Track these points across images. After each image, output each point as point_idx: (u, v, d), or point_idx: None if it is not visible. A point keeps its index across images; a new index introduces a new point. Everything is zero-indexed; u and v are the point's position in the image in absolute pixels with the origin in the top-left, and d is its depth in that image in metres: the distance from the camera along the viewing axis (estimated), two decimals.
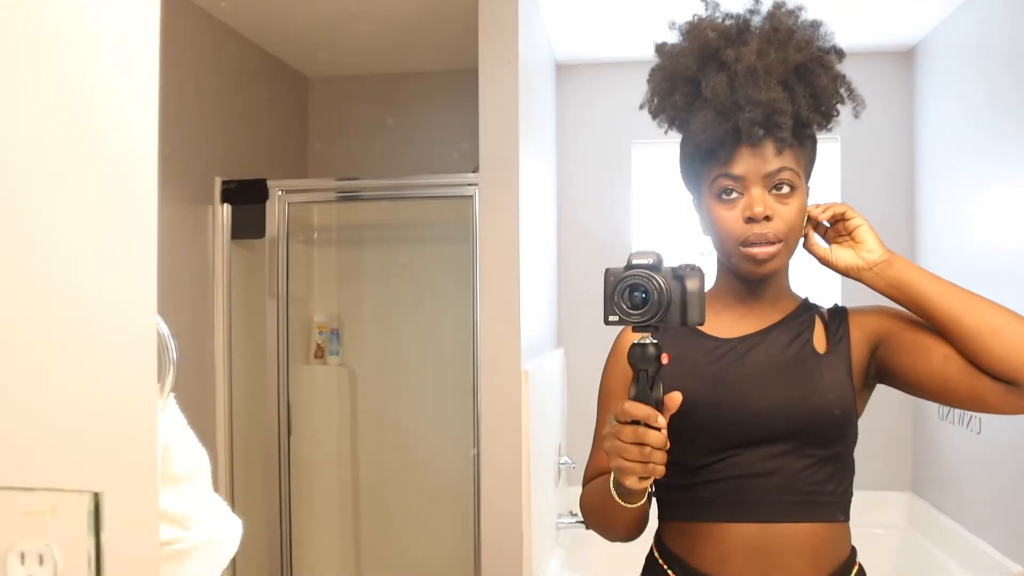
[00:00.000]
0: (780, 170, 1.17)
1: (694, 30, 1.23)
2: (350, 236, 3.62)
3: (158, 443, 0.72)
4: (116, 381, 0.60)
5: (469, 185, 2.68)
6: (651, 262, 1.03)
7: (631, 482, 1.02)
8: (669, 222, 3.33)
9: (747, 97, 1.14)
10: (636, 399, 1.01)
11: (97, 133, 0.58)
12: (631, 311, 1.01)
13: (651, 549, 1.30)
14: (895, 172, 3.25)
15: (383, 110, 3.51)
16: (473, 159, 2.43)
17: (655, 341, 1.01)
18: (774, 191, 1.18)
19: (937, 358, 1.15)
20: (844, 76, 1.22)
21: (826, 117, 1.21)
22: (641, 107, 1.30)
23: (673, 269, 1.04)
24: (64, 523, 0.51)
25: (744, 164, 1.17)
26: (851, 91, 1.22)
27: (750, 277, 1.23)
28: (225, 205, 2.88)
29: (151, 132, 0.64)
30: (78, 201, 0.57)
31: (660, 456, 1.01)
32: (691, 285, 1.03)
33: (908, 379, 1.19)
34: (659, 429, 1.00)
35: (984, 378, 1.11)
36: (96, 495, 0.51)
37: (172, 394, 0.80)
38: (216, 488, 2.88)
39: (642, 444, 1.00)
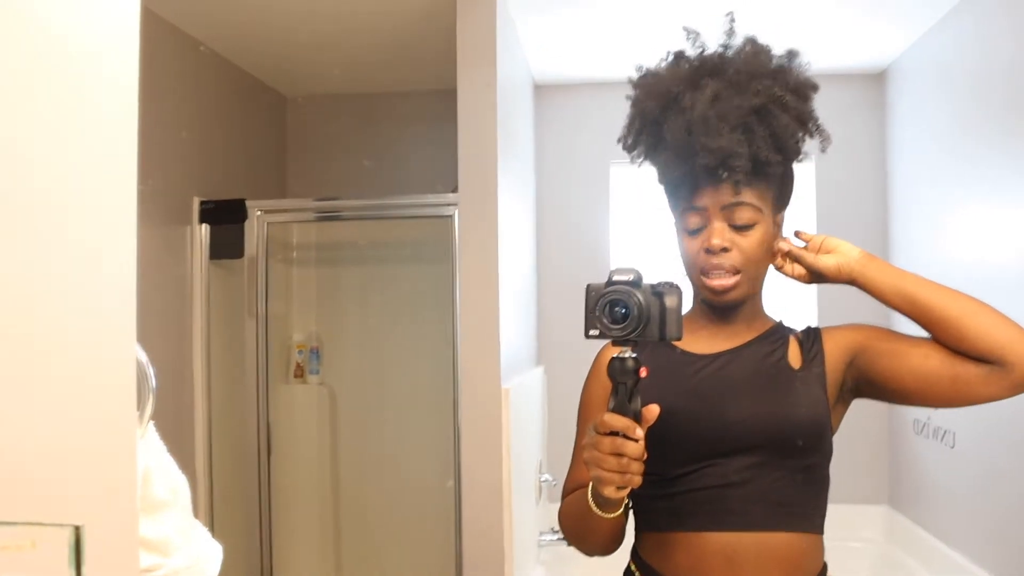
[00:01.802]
0: (739, 204, 1.22)
1: (659, 73, 1.29)
2: (329, 256, 3.62)
3: (137, 472, 0.73)
4: (95, 413, 0.60)
5: (448, 205, 2.69)
6: (631, 279, 1.06)
7: (609, 491, 1.05)
8: (647, 241, 3.36)
9: (702, 144, 1.19)
10: (615, 411, 1.04)
11: (75, 156, 0.59)
12: (611, 325, 1.04)
13: (628, 564, 1.32)
14: (868, 193, 3.30)
15: (361, 130, 3.52)
16: (452, 179, 2.45)
17: (634, 355, 1.04)
18: (735, 225, 1.23)
19: (916, 357, 1.20)
20: (809, 112, 1.26)
21: (787, 154, 1.25)
22: (618, 141, 1.35)
23: (652, 286, 1.07)
24: (44, 557, 0.51)
25: (705, 199, 1.23)
26: (816, 127, 1.27)
27: (714, 304, 1.29)
28: (203, 225, 2.87)
29: (130, 155, 0.64)
30: (55, 230, 0.57)
31: (637, 467, 1.04)
32: (669, 302, 1.07)
33: (890, 384, 1.23)
34: (637, 440, 1.03)
35: (967, 365, 1.16)
36: (77, 528, 0.51)
37: (151, 422, 0.80)
38: (196, 510, 2.86)
39: (620, 455, 1.02)
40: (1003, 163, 2.29)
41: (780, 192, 1.28)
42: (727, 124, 1.19)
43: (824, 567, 1.26)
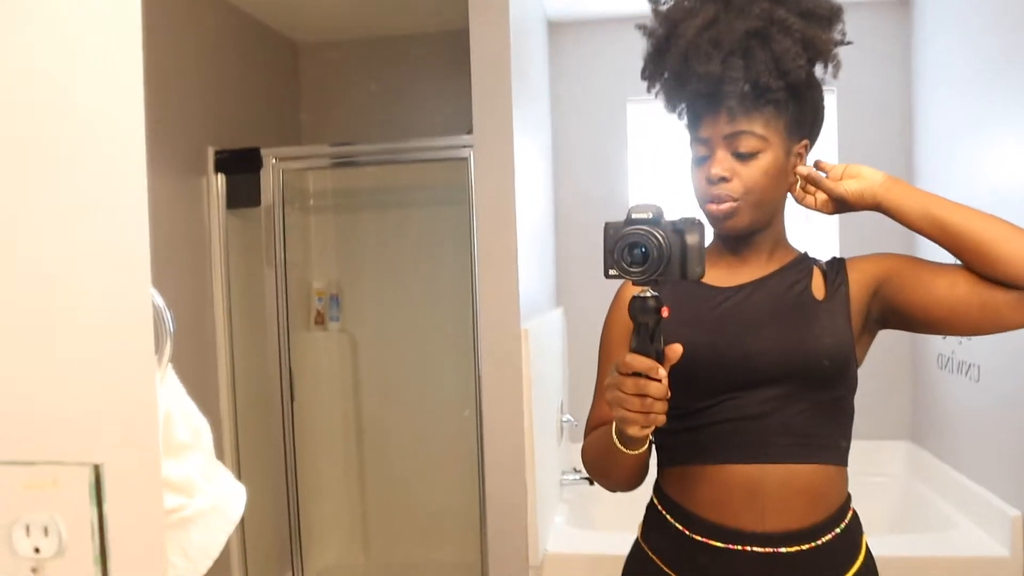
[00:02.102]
0: (739, 134, 1.20)
1: (667, 4, 1.28)
2: (346, 202, 3.61)
3: (158, 414, 0.73)
4: (113, 356, 0.61)
5: (463, 147, 2.67)
6: (651, 216, 1.04)
7: (633, 431, 1.05)
8: (665, 179, 3.32)
9: (695, 70, 1.19)
10: (637, 351, 1.02)
11: (81, 101, 0.58)
12: (631, 267, 1.02)
13: (651, 499, 1.33)
14: (892, 121, 3.23)
15: (374, 74, 3.48)
16: (467, 120, 2.42)
17: (655, 294, 1.02)
18: (737, 154, 1.21)
19: (943, 286, 1.18)
20: (820, 37, 1.21)
21: (792, 78, 1.20)
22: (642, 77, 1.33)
23: (673, 223, 1.05)
24: (67, 495, 0.52)
25: (707, 129, 1.23)
26: (821, 51, 1.22)
27: (723, 234, 1.28)
28: (219, 175, 2.87)
29: (137, 96, 0.63)
30: (67, 175, 0.57)
31: (661, 406, 1.03)
32: (691, 239, 1.04)
33: (916, 314, 1.21)
34: (660, 380, 1.02)
35: (996, 291, 1.14)
36: (96, 467, 0.52)
37: (170, 365, 0.81)
38: (221, 456, 2.91)
39: (643, 395, 1.02)
40: None
41: (796, 119, 1.24)
42: (720, 49, 1.18)
43: (848, 498, 1.26)
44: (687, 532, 1.22)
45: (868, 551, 1.26)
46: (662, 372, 1.02)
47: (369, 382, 3.51)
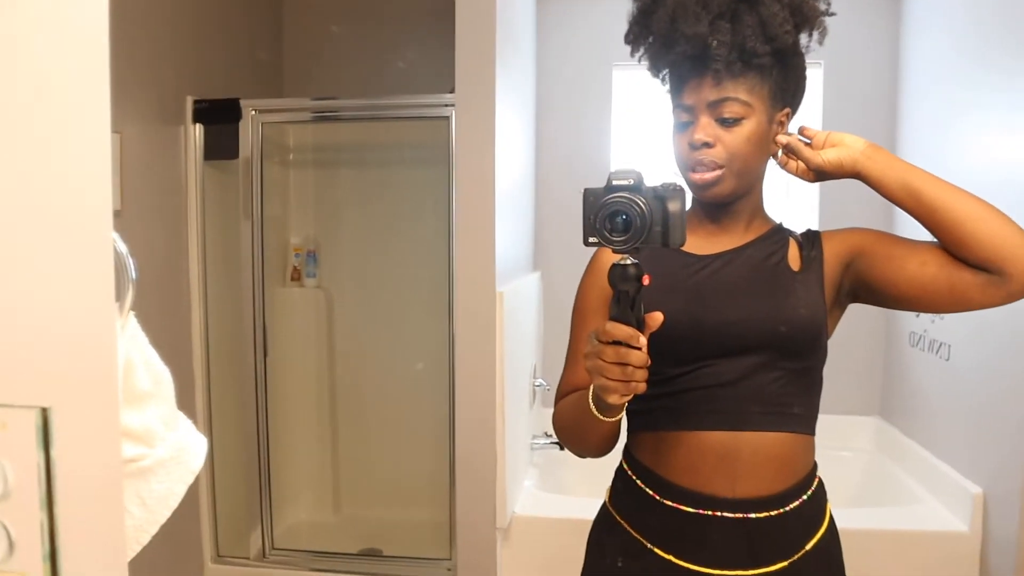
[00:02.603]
0: (723, 100, 1.20)
1: None
2: (326, 157, 3.57)
3: (118, 361, 0.72)
4: (70, 299, 0.59)
5: (446, 106, 2.64)
6: (632, 182, 1.02)
7: (613, 399, 1.04)
8: (648, 146, 3.31)
9: (682, 32, 1.18)
10: (617, 319, 1.01)
11: (36, 32, 0.56)
12: (613, 236, 1.01)
13: (620, 464, 1.34)
14: (878, 100, 3.23)
15: (359, 29, 3.42)
16: (451, 79, 2.39)
17: (635, 261, 1.01)
18: (721, 120, 1.21)
19: (914, 264, 1.19)
20: (806, 2, 1.21)
21: (779, 43, 1.19)
22: (625, 40, 1.32)
23: (654, 189, 1.03)
24: (14, 438, 0.51)
25: (691, 95, 1.22)
26: (806, 17, 1.22)
27: (705, 201, 1.27)
28: (197, 125, 2.83)
29: (100, 28, 0.61)
30: (21, 109, 0.55)
31: (641, 374, 1.02)
32: (673, 206, 1.03)
33: (886, 289, 1.22)
34: (640, 348, 1.01)
35: (964, 272, 1.15)
36: (44, 410, 0.51)
37: (133, 313, 0.79)
38: (193, 410, 2.89)
39: (624, 363, 1.01)
40: (1019, 69, 2.23)
41: (780, 87, 1.24)
42: (709, 12, 1.17)
43: (815, 466, 1.28)
44: (658, 497, 1.23)
45: (831, 518, 1.29)
46: (643, 340, 1.01)
47: (344, 340, 3.50)
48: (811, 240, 1.30)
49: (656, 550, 1.23)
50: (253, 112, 2.86)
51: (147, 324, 0.82)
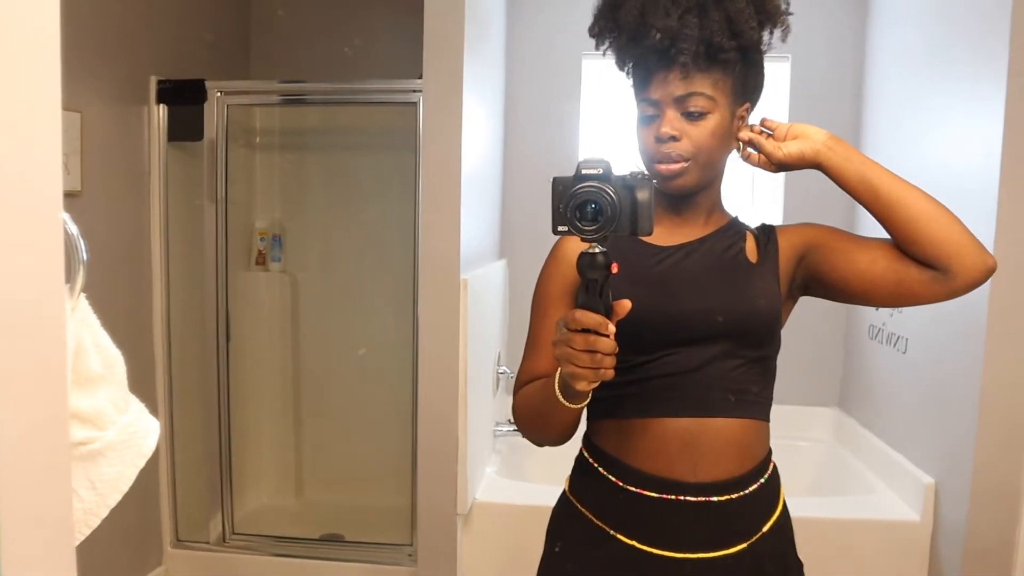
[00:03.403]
0: (690, 95, 1.21)
1: None
2: (293, 141, 3.55)
3: (67, 343, 0.71)
4: (16, 279, 0.58)
5: (414, 91, 2.63)
6: (601, 172, 1.02)
7: (582, 386, 1.05)
8: (617, 136, 3.32)
9: (652, 24, 1.18)
10: (586, 307, 1.02)
11: None
12: (583, 225, 1.01)
13: (580, 451, 1.35)
14: (844, 94, 3.26)
15: (328, 11, 3.39)
16: (420, 65, 2.38)
17: (604, 250, 1.01)
18: (687, 113, 1.22)
19: (864, 261, 1.23)
20: (769, 0, 1.23)
21: (744, 39, 1.21)
22: (590, 33, 1.32)
23: (623, 179, 1.04)
24: None
25: (658, 89, 1.23)
26: (770, 14, 1.23)
27: (669, 193, 1.28)
28: (161, 106, 2.79)
29: (52, 4, 0.60)
30: None
31: (610, 361, 1.03)
32: (641, 196, 1.03)
33: (837, 284, 1.27)
34: (608, 336, 1.02)
35: (911, 269, 1.20)
36: None
37: (84, 295, 0.78)
38: (153, 394, 2.86)
39: (593, 351, 1.02)
40: (976, 73, 2.26)
41: (742, 83, 1.26)
42: (678, 6, 1.18)
43: (770, 451, 1.31)
44: (621, 483, 1.24)
45: (784, 500, 1.33)
46: (611, 328, 1.02)
47: (308, 324, 3.49)
48: (767, 233, 1.33)
49: (619, 536, 1.25)
50: (219, 94, 2.83)
51: (107, 306, 0.81)
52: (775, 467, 1.32)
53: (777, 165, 1.27)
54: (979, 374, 2.17)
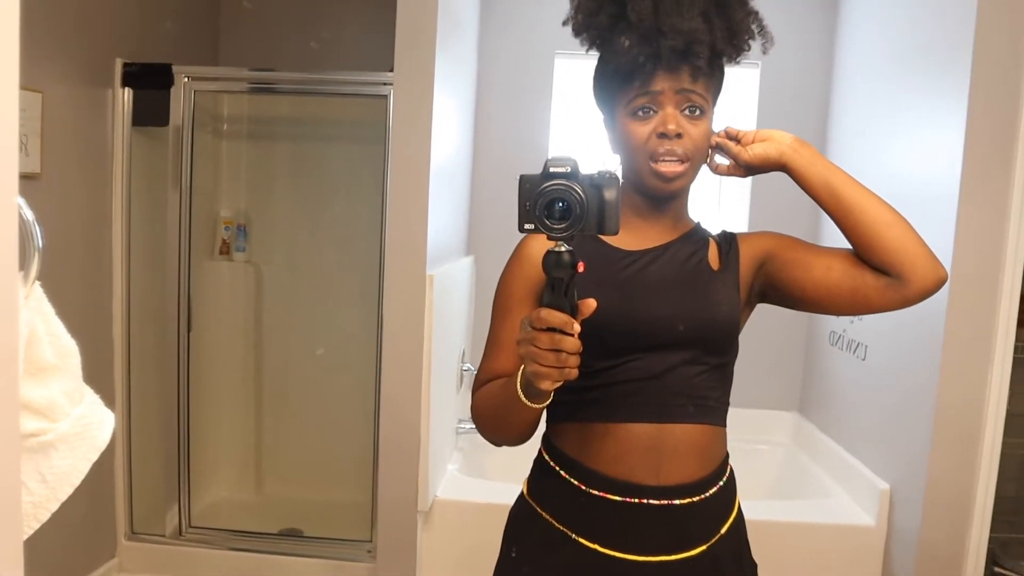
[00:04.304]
0: (693, 92, 1.22)
1: None
2: (261, 130, 3.50)
3: (19, 332, 0.69)
4: None
5: (384, 84, 2.61)
6: (569, 170, 1.02)
7: (545, 385, 1.04)
8: (588, 136, 3.32)
9: (670, 25, 1.17)
10: (551, 306, 1.01)
11: None
12: (551, 223, 1.01)
13: (540, 452, 1.34)
14: (812, 100, 3.30)
15: (299, 0, 3.36)
16: (391, 58, 2.36)
17: (570, 249, 1.01)
18: (686, 112, 1.22)
19: (819, 269, 1.25)
20: (757, 12, 1.26)
21: (738, 50, 1.25)
22: (564, 23, 1.30)
23: (590, 177, 1.03)
24: None
25: (661, 83, 1.21)
26: (762, 27, 1.26)
27: (657, 194, 1.27)
28: (126, 89, 2.74)
29: None
30: None
31: (575, 360, 1.03)
32: (608, 194, 1.03)
33: (793, 292, 1.28)
34: (573, 335, 1.02)
35: (867, 276, 1.22)
36: None
37: (38, 283, 0.76)
38: (111, 383, 2.81)
39: (558, 350, 1.02)
40: (939, 86, 2.30)
41: (718, 90, 1.28)
42: (696, 8, 1.19)
43: (727, 455, 1.33)
44: (584, 487, 1.24)
45: (739, 501, 1.34)
46: (576, 327, 1.02)
47: (271, 316, 3.45)
48: (728, 241, 1.34)
49: (580, 539, 1.24)
50: (186, 79, 2.79)
51: (65, 293, 0.80)
52: (731, 470, 1.33)
53: (745, 168, 1.28)
54: (935, 383, 2.21)
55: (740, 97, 3.33)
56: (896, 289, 1.21)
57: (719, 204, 3.37)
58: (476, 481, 2.77)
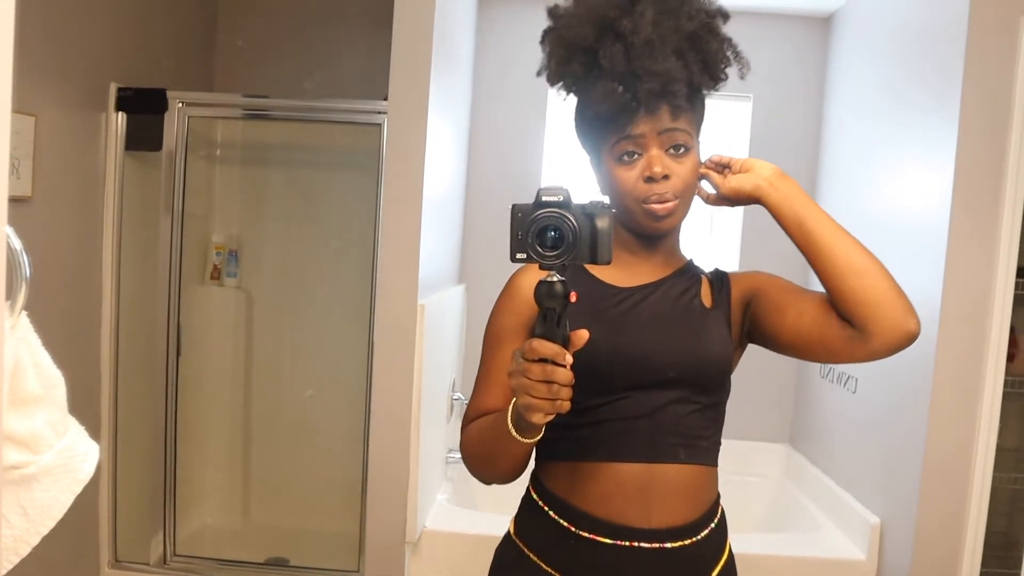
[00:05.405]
0: (675, 130, 1.21)
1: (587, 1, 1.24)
2: (254, 156, 3.50)
3: (5, 363, 0.68)
4: None
5: (378, 113, 2.62)
6: (561, 199, 1.01)
7: (537, 418, 1.02)
8: (582, 165, 3.33)
9: (644, 68, 1.16)
10: (543, 337, 1.00)
11: None
12: (544, 252, 1.00)
13: (528, 491, 1.32)
14: (803, 135, 3.32)
15: (296, 28, 3.38)
16: (386, 86, 2.37)
17: (563, 279, 1.00)
18: (671, 151, 1.21)
19: (792, 313, 1.23)
20: (731, 40, 1.25)
21: (716, 80, 1.24)
22: (539, 74, 1.31)
23: (583, 207, 1.03)
24: None
25: (642, 126, 1.20)
26: (737, 54, 1.25)
27: (650, 233, 1.26)
28: (120, 113, 2.74)
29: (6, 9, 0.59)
30: None
31: (567, 392, 1.01)
32: (601, 224, 1.03)
33: (768, 334, 1.27)
34: (566, 366, 1.00)
35: (834, 327, 1.18)
36: None
37: (24, 313, 0.76)
38: (98, 408, 2.78)
39: (550, 382, 1.00)
40: (929, 122, 2.32)
41: (700, 122, 1.28)
42: (668, 47, 1.17)
43: (719, 496, 1.31)
44: (573, 528, 1.21)
45: (730, 543, 1.32)
46: (569, 359, 1.00)
47: (262, 343, 3.43)
48: (720, 279, 1.33)
49: None
50: (180, 104, 2.79)
51: (54, 316, 0.79)
52: (723, 511, 1.31)
53: (727, 200, 1.28)
54: (926, 416, 2.21)
55: (732, 129, 3.35)
56: (859, 342, 1.16)
57: (711, 234, 3.38)
58: (466, 512, 2.74)
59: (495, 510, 2.62)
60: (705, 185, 1.31)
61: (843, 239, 1.19)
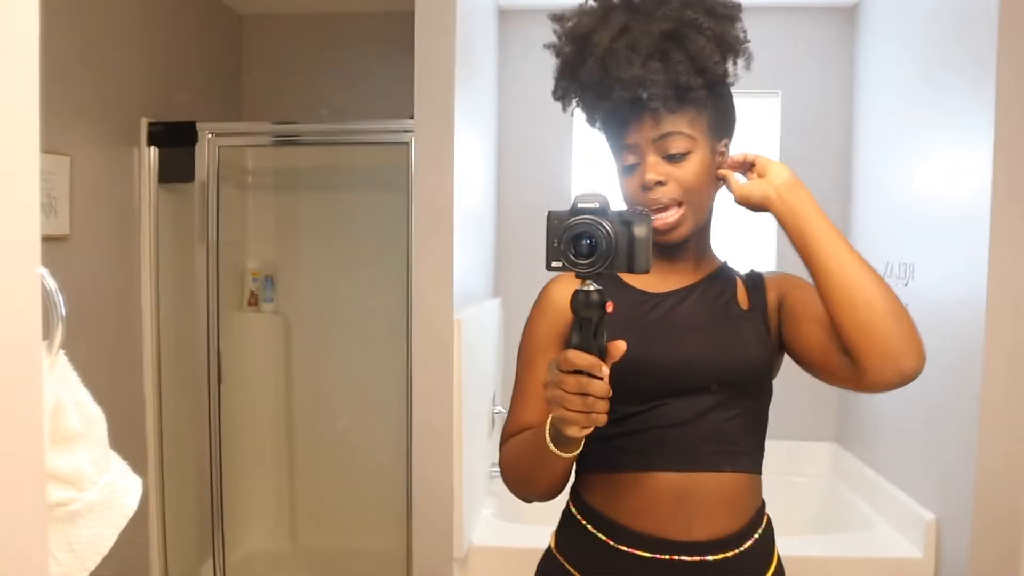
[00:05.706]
0: (668, 135, 1.19)
1: (572, 16, 1.25)
2: (285, 181, 3.54)
3: (44, 402, 0.69)
4: None
5: (405, 132, 2.63)
6: (598, 206, 1.00)
7: (573, 431, 1.01)
8: (610, 173, 3.32)
9: (616, 77, 1.16)
10: (579, 347, 0.98)
11: None
12: (578, 260, 0.98)
13: (567, 507, 1.29)
14: (834, 128, 3.27)
15: (320, 52, 3.41)
16: (411, 105, 2.38)
17: (599, 288, 0.98)
18: (668, 156, 1.20)
19: (804, 329, 1.20)
20: (722, 33, 1.20)
21: (711, 75, 1.19)
22: (555, 98, 1.31)
23: (620, 214, 1.01)
24: None
25: (634, 134, 1.20)
26: (731, 46, 1.21)
27: (661, 243, 1.23)
28: (152, 148, 2.79)
29: (30, 45, 0.59)
30: None
31: (603, 405, 0.99)
32: (639, 231, 1.01)
33: (787, 343, 1.25)
34: (602, 378, 0.98)
35: (835, 355, 1.14)
36: None
37: (62, 352, 0.76)
38: (143, 437, 2.82)
39: (585, 394, 0.98)
40: (964, 105, 2.27)
41: (716, 118, 1.24)
42: (639, 54, 1.16)
43: (763, 504, 1.27)
44: (611, 543, 1.19)
45: (779, 553, 1.28)
46: (605, 370, 0.98)
47: (301, 366, 3.46)
48: (756, 281, 1.30)
49: None
50: (210, 135, 2.83)
51: (96, 350, 0.80)
52: (769, 520, 1.27)
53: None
54: (977, 408, 2.15)
55: (762, 125, 3.31)
56: (854, 374, 1.12)
57: (745, 237, 3.34)
58: (512, 525, 2.73)
59: (541, 523, 2.60)
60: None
61: (847, 263, 1.12)
